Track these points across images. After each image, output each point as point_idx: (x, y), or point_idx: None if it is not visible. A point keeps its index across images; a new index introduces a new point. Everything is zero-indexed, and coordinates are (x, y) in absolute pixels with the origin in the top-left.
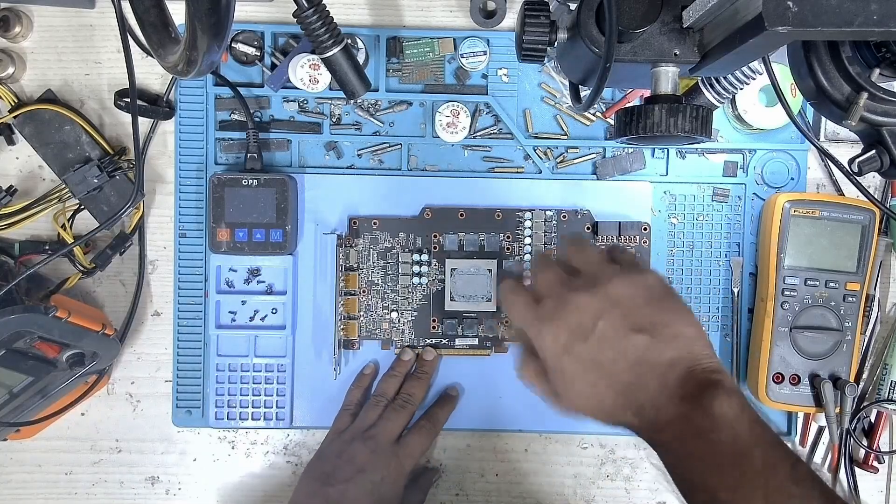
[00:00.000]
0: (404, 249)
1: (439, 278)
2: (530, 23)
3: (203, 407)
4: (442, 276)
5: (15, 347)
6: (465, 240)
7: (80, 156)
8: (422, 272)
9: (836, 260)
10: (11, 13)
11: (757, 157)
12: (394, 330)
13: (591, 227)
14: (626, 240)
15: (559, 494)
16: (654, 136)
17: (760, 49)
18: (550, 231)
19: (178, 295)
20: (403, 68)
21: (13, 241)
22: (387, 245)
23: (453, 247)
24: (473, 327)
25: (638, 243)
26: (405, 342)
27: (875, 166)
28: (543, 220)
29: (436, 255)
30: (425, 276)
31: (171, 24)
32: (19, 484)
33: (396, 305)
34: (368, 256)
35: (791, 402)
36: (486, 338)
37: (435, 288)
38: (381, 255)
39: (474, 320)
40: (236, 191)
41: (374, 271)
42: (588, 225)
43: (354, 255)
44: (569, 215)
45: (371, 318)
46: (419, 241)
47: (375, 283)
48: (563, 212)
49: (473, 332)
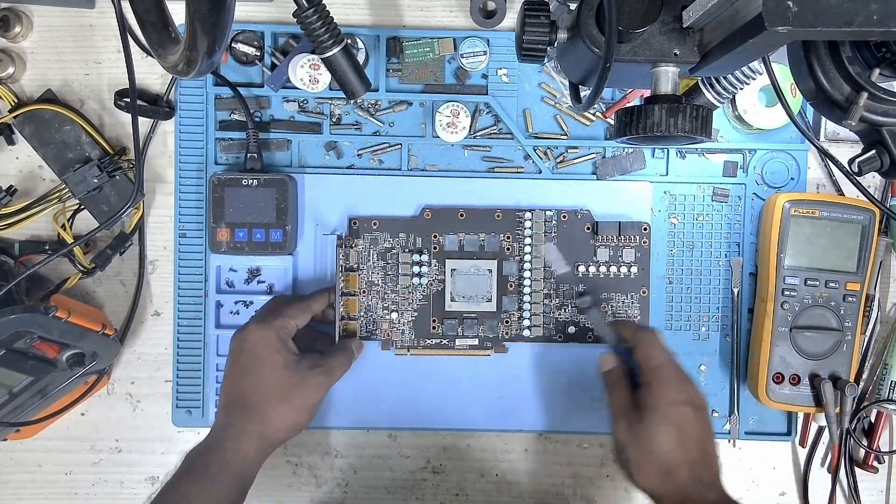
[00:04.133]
0: (404, 250)
1: (439, 279)
2: (530, 23)
3: (203, 407)
4: (442, 276)
5: (15, 347)
6: (465, 240)
7: (80, 156)
8: (422, 272)
9: (836, 260)
10: (11, 13)
11: (757, 157)
12: (394, 330)
13: (591, 227)
14: (627, 240)
15: (559, 494)
16: (654, 136)
17: (760, 49)
18: (551, 231)
19: (178, 295)
20: (403, 68)
21: (13, 241)
22: (387, 245)
23: (453, 247)
24: (474, 328)
25: (638, 243)
26: (405, 343)
27: (875, 166)
28: (543, 220)
29: (436, 256)
30: (425, 276)
31: (171, 24)
32: (19, 484)
33: (396, 306)
34: (368, 257)
35: (791, 402)
36: (487, 338)
37: (435, 288)
38: (381, 256)
39: (474, 321)
40: (236, 191)
41: (374, 272)
42: (588, 225)
43: (354, 255)
44: (569, 215)
45: (371, 318)
46: (419, 242)
47: (375, 284)
48: (564, 212)
49: (474, 332)
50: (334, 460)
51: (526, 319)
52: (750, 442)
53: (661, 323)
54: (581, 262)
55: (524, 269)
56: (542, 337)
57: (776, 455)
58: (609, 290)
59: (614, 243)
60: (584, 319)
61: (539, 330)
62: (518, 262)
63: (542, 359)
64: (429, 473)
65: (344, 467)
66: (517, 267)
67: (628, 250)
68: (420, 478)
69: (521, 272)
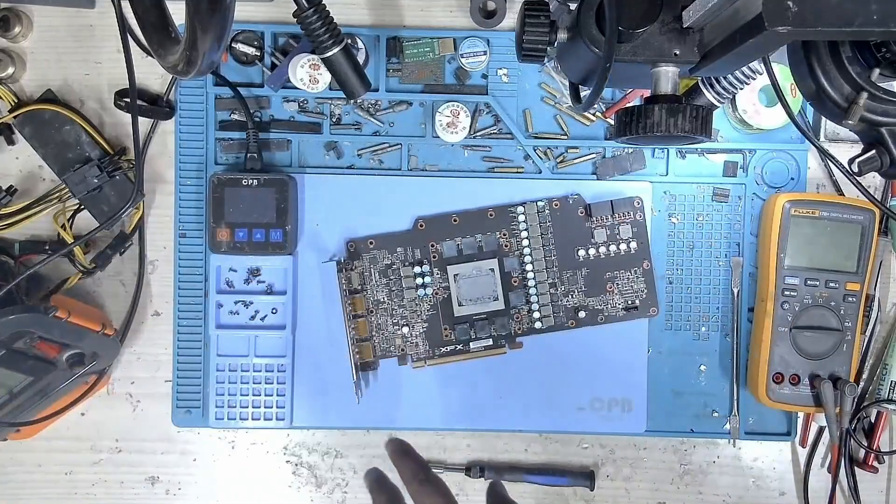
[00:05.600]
0: (404, 263)
1: (443, 286)
2: (530, 23)
3: (203, 407)
4: (446, 283)
5: (15, 347)
6: (463, 243)
7: (80, 156)
8: (425, 283)
9: (836, 260)
10: (11, 13)
11: (757, 157)
12: (407, 344)
13: (584, 210)
14: (621, 216)
15: (559, 494)
16: (654, 136)
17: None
18: (546, 221)
19: (178, 295)
20: (403, 68)
21: (13, 241)
22: (386, 262)
23: (452, 253)
24: (486, 328)
25: (633, 218)
26: (420, 355)
27: (875, 166)
28: (536, 210)
29: (436, 264)
30: (429, 286)
31: (171, 24)
32: (19, 484)
33: (406, 320)
34: (371, 276)
35: (791, 402)
36: (500, 336)
37: (441, 296)
38: (382, 273)
39: (485, 321)
40: (236, 191)
41: (378, 290)
42: (581, 209)
43: (357, 277)
44: (560, 202)
45: (383, 336)
46: (418, 253)
47: (382, 302)
48: (555, 200)
49: (486, 332)
50: (334, 460)
51: (535, 312)
52: (750, 442)
53: (662, 323)
54: (580, 247)
55: (525, 263)
56: (554, 326)
57: (776, 455)
58: (611, 269)
59: (609, 222)
60: (593, 302)
61: (550, 320)
62: (518, 257)
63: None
64: None
65: (344, 467)
66: (518, 262)
67: (624, 226)
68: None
69: (522, 266)
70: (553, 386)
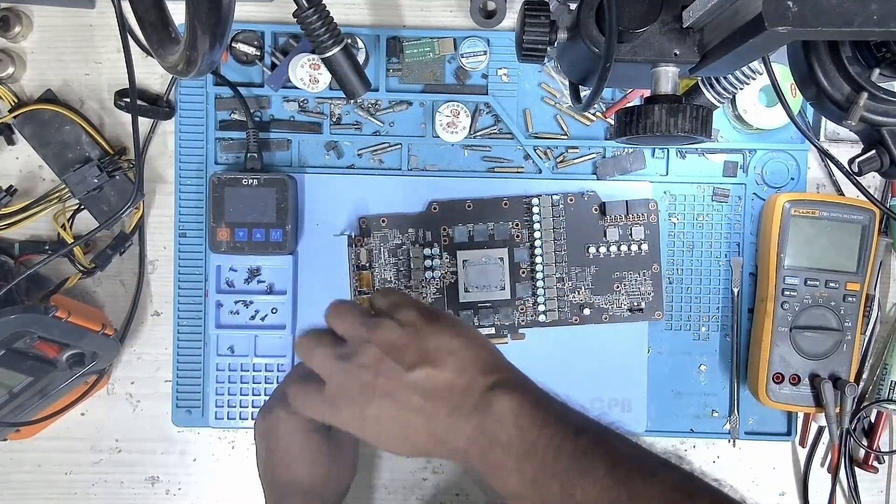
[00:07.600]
0: (414, 244)
1: (451, 271)
2: (530, 23)
3: (203, 407)
4: (454, 268)
5: (15, 347)
6: (475, 230)
7: (80, 156)
8: (434, 266)
9: (836, 260)
10: (11, 13)
11: (757, 157)
12: None
13: (598, 207)
14: (635, 217)
15: None
16: (654, 136)
17: (760, 49)
18: (559, 215)
19: (178, 295)
20: (403, 68)
21: (13, 241)
22: (397, 242)
23: (463, 238)
24: (489, 317)
25: (646, 220)
26: None
27: (875, 166)
28: (550, 204)
29: (446, 248)
30: (437, 269)
31: (171, 24)
32: (19, 484)
33: None
34: (380, 254)
35: (791, 402)
36: (503, 325)
37: (448, 280)
38: (391, 252)
39: (490, 310)
40: (236, 190)
41: (386, 268)
42: (595, 206)
43: (365, 254)
44: (575, 198)
45: None
46: (429, 236)
47: (388, 281)
48: (570, 195)
49: (490, 321)
50: None
51: (541, 305)
52: (750, 442)
53: (662, 323)
54: (591, 244)
55: (535, 255)
56: (558, 321)
57: (776, 455)
58: (620, 269)
59: (623, 222)
60: (599, 300)
61: (554, 314)
62: (529, 249)
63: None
64: (429, 473)
65: None
66: (528, 253)
67: (637, 228)
68: (420, 478)
69: (532, 258)
70: (553, 384)
